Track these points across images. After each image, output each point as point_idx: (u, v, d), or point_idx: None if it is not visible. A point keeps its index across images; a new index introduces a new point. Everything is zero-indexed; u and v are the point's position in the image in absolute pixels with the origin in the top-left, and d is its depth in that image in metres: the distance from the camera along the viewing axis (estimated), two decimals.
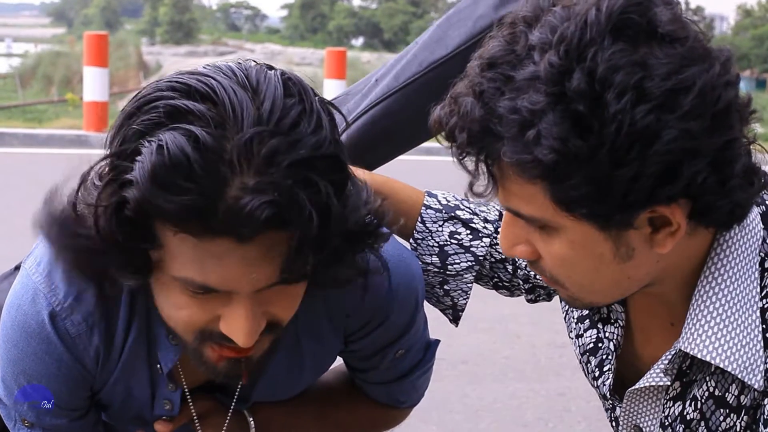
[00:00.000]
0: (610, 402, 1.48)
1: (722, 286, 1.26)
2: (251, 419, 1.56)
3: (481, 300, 2.67)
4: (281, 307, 1.25)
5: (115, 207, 1.12)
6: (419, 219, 1.62)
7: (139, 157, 1.09)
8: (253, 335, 1.21)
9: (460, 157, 1.19)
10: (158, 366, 1.43)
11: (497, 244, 1.63)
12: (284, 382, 1.55)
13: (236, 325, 1.20)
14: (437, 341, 1.71)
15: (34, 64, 17.80)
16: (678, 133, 1.08)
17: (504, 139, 1.11)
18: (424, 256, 1.61)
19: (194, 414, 1.50)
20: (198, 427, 1.51)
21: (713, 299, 1.26)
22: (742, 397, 1.30)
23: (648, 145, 1.08)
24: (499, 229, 1.30)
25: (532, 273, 1.61)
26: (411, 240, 1.63)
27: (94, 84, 10.24)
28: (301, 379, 1.57)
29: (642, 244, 1.20)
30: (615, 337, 1.44)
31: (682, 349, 1.29)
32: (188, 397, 1.49)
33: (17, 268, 1.64)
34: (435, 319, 1.83)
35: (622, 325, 1.44)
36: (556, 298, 1.59)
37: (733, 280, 1.26)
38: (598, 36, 1.09)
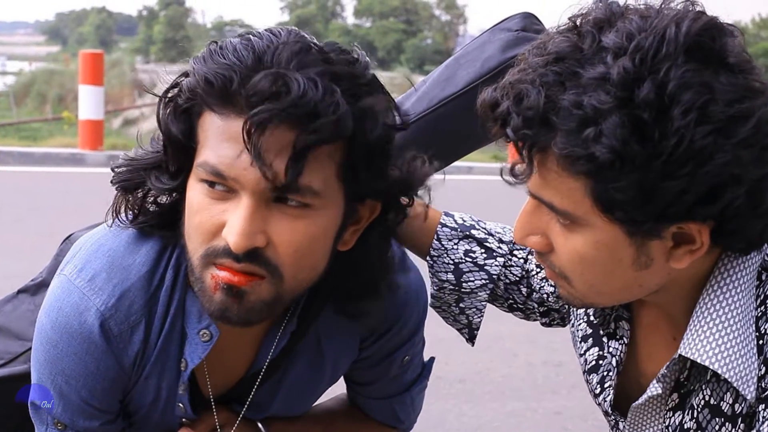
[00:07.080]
0: (613, 418, 1.49)
1: (724, 297, 1.29)
2: None
3: None
4: (281, 231, 1.29)
5: (173, 98, 1.33)
6: (435, 236, 1.66)
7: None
8: (245, 236, 1.26)
9: (505, 139, 1.21)
10: (183, 361, 1.46)
11: (512, 265, 1.65)
12: (304, 389, 1.59)
13: (233, 221, 1.26)
14: (432, 358, 1.75)
15: (29, 83, 17.78)
16: (731, 159, 1.13)
17: (559, 131, 1.14)
18: (439, 273, 1.66)
19: (217, 423, 1.56)
20: None
21: (716, 308, 1.29)
22: (737, 405, 1.31)
23: (701, 165, 1.12)
24: (516, 221, 1.31)
25: (546, 296, 1.62)
26: (427, 257, 1.67)
27: (89, 102, 10.25)
28: (319, 386, 1.61)
29: (661, 256, 1.23)
30: (618, 353, 1.46)
31: (682, 354, 1.30)
32: (213, 404, 1.54)
33: (20, 292, 1.67)
34: (432, 335, 1.83)
35: (626, 342, 1.45)
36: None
37: (735, 292, 1.29)
38: (674, 52, 1.14)
